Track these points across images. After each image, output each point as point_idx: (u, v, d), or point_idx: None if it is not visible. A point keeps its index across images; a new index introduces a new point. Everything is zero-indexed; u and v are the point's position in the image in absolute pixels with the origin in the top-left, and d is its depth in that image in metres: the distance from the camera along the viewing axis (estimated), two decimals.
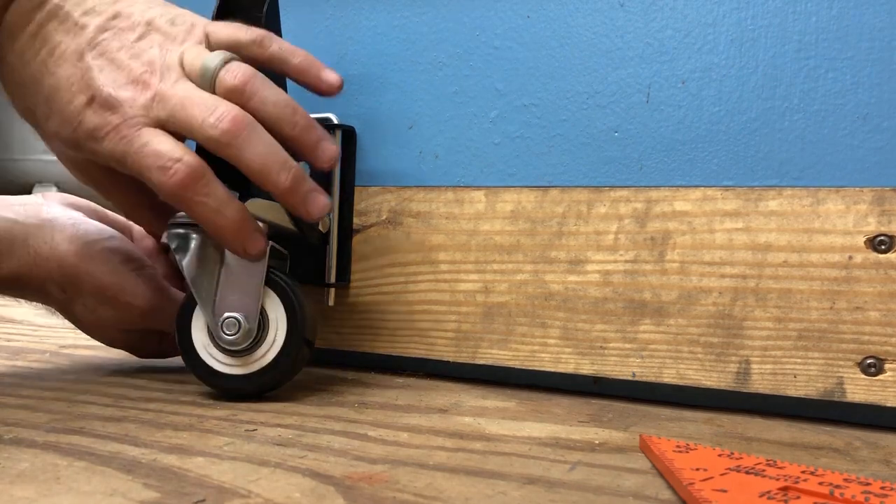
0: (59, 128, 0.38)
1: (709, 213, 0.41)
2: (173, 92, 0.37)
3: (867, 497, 0.24)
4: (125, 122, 0.37)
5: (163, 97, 0.37)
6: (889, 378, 0.38)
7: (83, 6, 0.38)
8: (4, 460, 0.28)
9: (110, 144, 0.37)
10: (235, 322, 0.39)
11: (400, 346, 0.49)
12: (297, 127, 0.39)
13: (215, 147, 0.37)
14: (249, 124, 0.37)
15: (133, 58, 0.38)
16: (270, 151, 0.37)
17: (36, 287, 0.46)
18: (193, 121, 0.36)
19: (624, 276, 0.43)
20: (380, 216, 0.49)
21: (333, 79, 0.42)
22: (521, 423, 0.37)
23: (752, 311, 0.41)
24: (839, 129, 0.39)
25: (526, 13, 0.46)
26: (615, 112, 0.44)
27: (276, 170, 0.37)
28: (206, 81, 0.38)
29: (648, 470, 0.30)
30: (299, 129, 0.39)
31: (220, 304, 0.39)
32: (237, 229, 0.38)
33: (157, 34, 0.39)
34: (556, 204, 0.45)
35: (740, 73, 0.41)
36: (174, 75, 0.38)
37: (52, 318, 0.73)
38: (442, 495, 0.26)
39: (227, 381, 0.40)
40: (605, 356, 0.44)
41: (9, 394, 0.40)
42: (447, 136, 0.48)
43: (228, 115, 0.36)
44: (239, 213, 0.38)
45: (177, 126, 0.37)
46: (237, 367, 0.40)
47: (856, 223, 0.39)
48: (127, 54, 0.38)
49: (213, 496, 0.25)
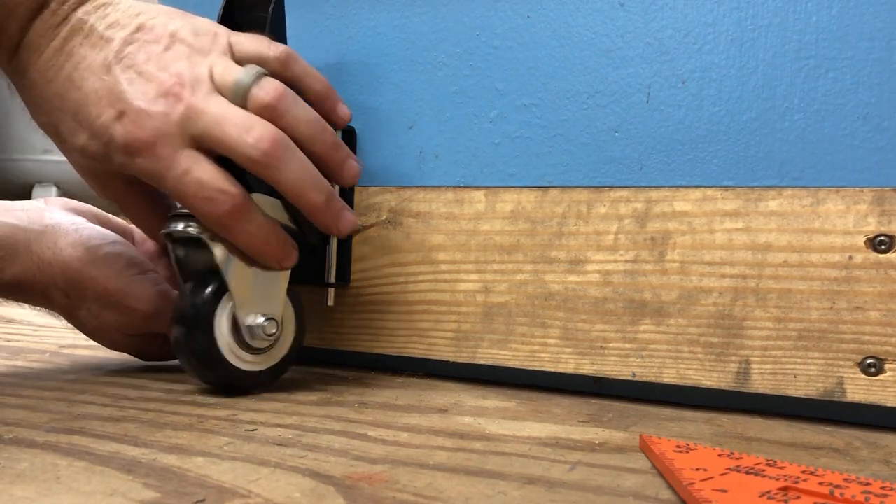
0: (87, 142, 0.37)
1: (709, 213, 0.41)
2: (206, 107, 0.37)
3: (867, 497, 0.24)
4: (160, 141, 0.36)
5: (196, 111, 0.37)
6: (889, 378, 0.38)
7: (107, 20, 0.38)
8: (4, 460, 0.28)
9: (145, 162, 0.37)
10: (275, 323, 0.41)
11: (400, 346, 0.49)
12: (325, 145, 0.40)
13: (252, 167, 0.37)
14: (287, 146, 0.38)
15: (161, 70, 0.37)
16: (305, 171, 0.39)
17: (39, 292, 0.46)
18: (230, 140, 0.37)
19: (624, 276, 0.43)
20: (380, 216, 0.49)
21: (345, 114, 0.44)
22: (521, 423, 0.37)
23: (753, 311, 0.41)
24: (839, 129, 0.39)
25: (526, 13, 0.46)
26: (615, 112, 0.44)
27: (312, 190, 0.39)
28: (238, 96, 0.38)
29: (648, 470, 0.30)
30: (327, 147, 0.40)
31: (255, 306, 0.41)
32: (277, 250, 0.40)
33: (182, 45, 0.38)
34: (556, 204, 0.45)
35: (740, 73, 0.41)
36: (205, 88, 0.37)
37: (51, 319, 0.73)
38: (442, 495, 0.26)
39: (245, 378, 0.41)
40: (605, 356, 0.44)
41: (9, 394, 0.40)
42: (447, 136, 0.48)
43: (268, 136, 0.37)
44: (278, 237, 0.40)
45: (212, 144, 0.37)
46: (257, 365, 0.42)
47: (856, 223, 0.39)
48: (155, 66, 0.37)
49: (213, 496, 0.25)
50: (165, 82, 0.37)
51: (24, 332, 0.68)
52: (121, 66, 0.37)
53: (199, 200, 0.37)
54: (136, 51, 0.38)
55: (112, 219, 0.51)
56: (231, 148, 0.37)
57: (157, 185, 0.38)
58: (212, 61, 0.38)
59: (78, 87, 0.37)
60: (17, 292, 0.47)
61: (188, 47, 0.38)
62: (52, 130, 0.39)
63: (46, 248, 0.45)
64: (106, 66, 0.37)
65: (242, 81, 0.38)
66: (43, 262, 0.45)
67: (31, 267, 0.45)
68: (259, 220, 0.39)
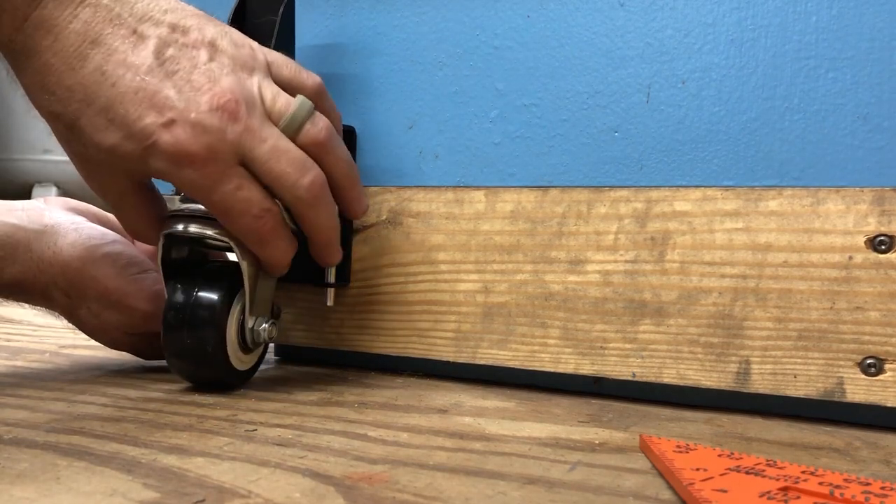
0: (120, 142, 0.36)
1: (709, 213, 0.41)
2: (263, 136, 0.37)
3: (867, 497, 0.24)
4: (213, 157, 0.36)
5: (254, 137, 0.37)
6: (889, 378, 0.38)
7: (135, 11, 0.36)
8: (4, 460, 0.28)
9: (193, 174, 0.36)
10: (276, 326, 0.43)
11: (400, 346, 0.49)
12: (350, 183, 0.42)
13: (296, 204, 0.39)
14: (327, 192, 0.40)
15: (211, 81, 0.36)
16: (333, 214, 0.41)
17: (40, 292, 0.46)
18: (286, 178, 0.38)
19: (624, 276, 0.43)
20: (380, 216, 0.49)
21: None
22: (521, 423, 0.37)
23: (752, 312, 0.41)
24: (839, 129, 0.39)
25: (526, 13, 0.46)
26: (615, 112, 0.44)
27: (332, 231, 0.42)
28: (291, 129, 0.38)
29: (648, 470, 0.30)
30: (351, 184, 0.42)
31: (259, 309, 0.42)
32: (288, 263, 0.41)
33: (224, 57, 0.37)
34: (556, 204, 0.45)
35: (740, 73, 0.41)
36: (258, 113, 0.37)
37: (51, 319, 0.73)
38: (442, 495, 0.26)
39: (237, 377, 0.42)
40: (605, 356, 0.44)
41: (9, 394, 0.40)
42: (447, 136, 0.48)
43: (318, 182, 0.39)
44: (293, 254, 0.41)
45: (262, 173, 0.37)
46: (246, 364, 0.43)
47: (856, 223, 0.39)
48: (203, 77, 0.36)
49: (213, 496, 0.25)
50: (219, 97, 0.36)
51: (24, 332, 0.68)
52: (164, 69, 0.36)
53: (248, 218, 0.37)
54: (179, 55, 0.36)
55: (112, 218, 0.51)
56: (284, 185, 0.38)
57: (199, 195, 0.37)
58: (259, 82, 0.38)
59: (112, 84, 0.35)
60: (18, 292, 0.47)
61: (230, 59, 0.37)
62: (66, 121, 0.36)
63: (46, 248, 0.45)
64: (147, 67, 0.35)
65: (297, 115, 0.38)
66: (43, 261, 0.45)
67: (32, 267, 0.45)
68: (289, 235, 0.40)
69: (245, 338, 0.41)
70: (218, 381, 0.42)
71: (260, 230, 0.38)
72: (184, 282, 0.41)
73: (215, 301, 0.40)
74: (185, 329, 0.40)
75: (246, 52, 0.38)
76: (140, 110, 0.35)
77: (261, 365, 0.45)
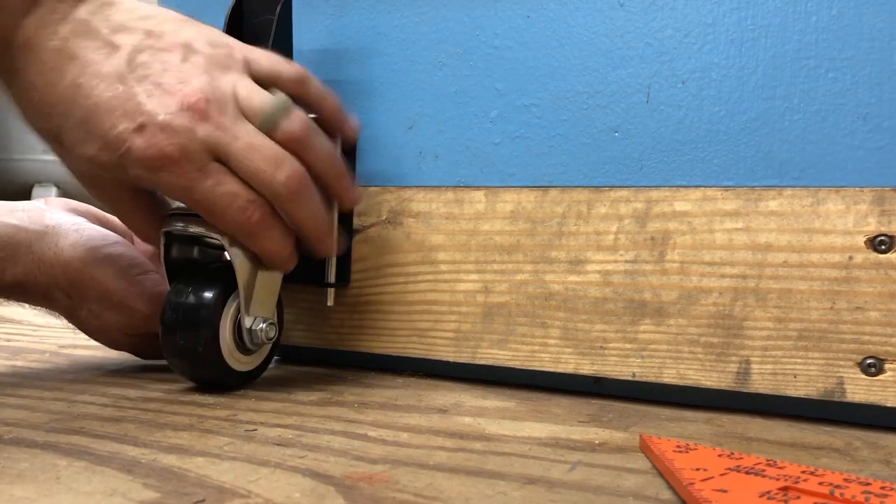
0: (97, 153, 0.36)
1: (709, 213, 0.41)
2: (236, 133, 0.37)
3: (867, 497, 0.24)
4: (185, 157, 0.36)
5: (226, 134, 0.36)
6: (889, 378, 0.38)
7: (111, 22, 0.36)
8: (4, 460, 0.28)
9: (170, 177, 0.36)
10: (274, 326, 0.42)
11: (400, 346, 0.49)
12: (334, 174, 0.42)
13: (275, 199, 0.38)
14: (308, 184, 0.39)
15: (181, 83, 0.36)
16: (318, 207, 0.40)
17: (41, 293, 0.46)
18: (261, 173, 0.37)
19: (624, 276, 0.43)
20: (380, 216, 0.49)
21: (356, 130, 0.45)
22: (521, 423, 0.37)
23: (753, 311, 0.41)
24: (839, 129, 0.39)
25: (526, 13, 0.46)
26: (615, 112, 0.44)
27: (320, 224, 0.41)
28: (266, 125, 0.38)
29: (648, 470, 0.30)
30: (335, 175, 0.42)
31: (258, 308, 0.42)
32: (290, 253, 0.41)
33: (198, 57, 0.37)
34: (556, 204, 0.45)
35: (740, 73, 0.41)
36: (231, 110, 0.37)
37: (51, 319, 0.73)
38: (442, 495, 0.26)
39: (236, 378, 0.42)
40: (605, 356, 0.44)
41: (9, 394, 0.40)
42: (447, 136, 0.48)
43: (296, 176, 0.38)
44: (291, 243, 0.41)
45: (239, 170, 0.37)
46: (247, 365, 0.43)
47: (856, 223, 0.39)
48: (174, 79, 0.36)
49: (213, 496, 0.25)
50: (189, 96, 0.36)
51: (24, 332, 0.68)
52: (135, 75, 0.36)
53: (233, 211, 0.37)
54: (150, 60, 0.36)
55: (112, 219, 0.51)
56: (260, 181, 0.37)
57: (181, 197, 0.37)
58: (234, 79, 0.38)
59: (87, 96, 0.35)
60: (19, 293, 0.47)
61: (205, 59, 0.37)
62: (52, 136, 0.37)
63: (47, 249, 0.45)
64: (119, 76, 0.35)
65: (271, 111, 0.38)
66: (44, 262, 0.45)
67: (33, 268, 0.45)
68: (282, 225, 0.39)
69: (242, 338, 0.41)
70: (216, 382, 0.42)
71: (247, 222, 0.38)
72: (182, 282, 0.41)
73: (206, 300, 0.40)
74: (178, 329, 0.40)
75: (222, 51, 0.38)
76: (113, 119, 0.35)
77: (268, 365, 0.45)
